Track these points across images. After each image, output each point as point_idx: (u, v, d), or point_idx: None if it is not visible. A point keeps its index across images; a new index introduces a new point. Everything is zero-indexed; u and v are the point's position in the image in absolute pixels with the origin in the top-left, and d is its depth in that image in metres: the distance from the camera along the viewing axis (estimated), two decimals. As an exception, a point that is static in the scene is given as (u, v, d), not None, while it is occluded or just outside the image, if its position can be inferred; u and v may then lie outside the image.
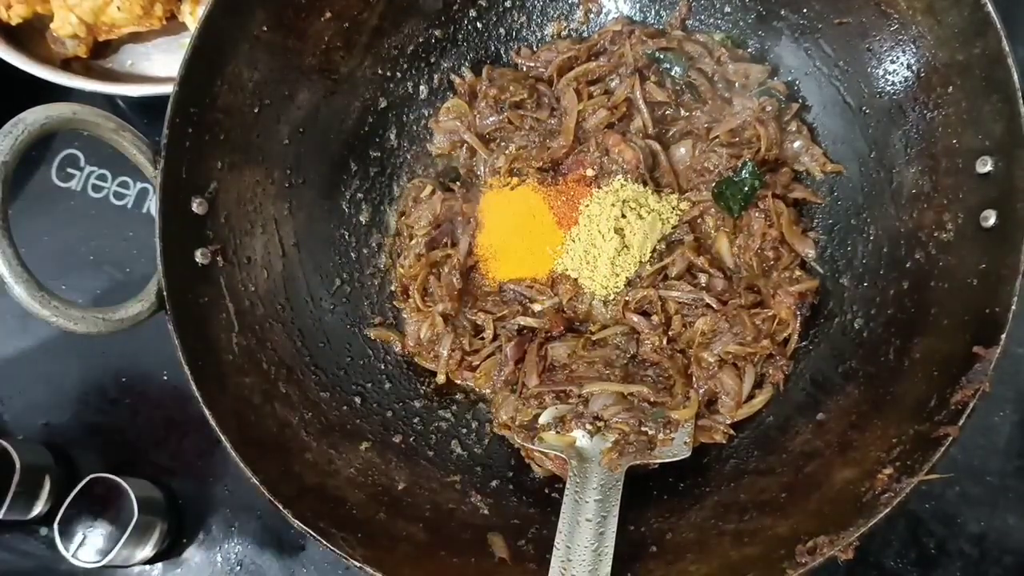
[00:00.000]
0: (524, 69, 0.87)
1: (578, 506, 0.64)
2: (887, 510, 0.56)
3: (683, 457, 0.70)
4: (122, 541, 0.79)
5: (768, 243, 0.77)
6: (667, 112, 0.82)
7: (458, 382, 0.80)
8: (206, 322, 0.68)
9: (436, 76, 0.87)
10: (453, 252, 0.80)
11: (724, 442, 0.73)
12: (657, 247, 0.77)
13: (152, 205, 0.76)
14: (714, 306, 0.74)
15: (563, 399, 0.74)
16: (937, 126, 0.68)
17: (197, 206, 0.68)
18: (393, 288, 0.83)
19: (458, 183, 0.84)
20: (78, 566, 0.79)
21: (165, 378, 0.90)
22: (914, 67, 0.70)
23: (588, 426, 0.71)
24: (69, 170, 0.99)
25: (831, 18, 0.75)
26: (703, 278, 0.76)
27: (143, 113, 0.98)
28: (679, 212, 0.78)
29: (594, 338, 0.77)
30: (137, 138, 0.66)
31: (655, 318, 0.75)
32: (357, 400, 0.75)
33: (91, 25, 0.94)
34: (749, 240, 0.77)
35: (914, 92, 0.70)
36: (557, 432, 0.73)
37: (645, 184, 0.78)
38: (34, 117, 0.60)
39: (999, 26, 0.62)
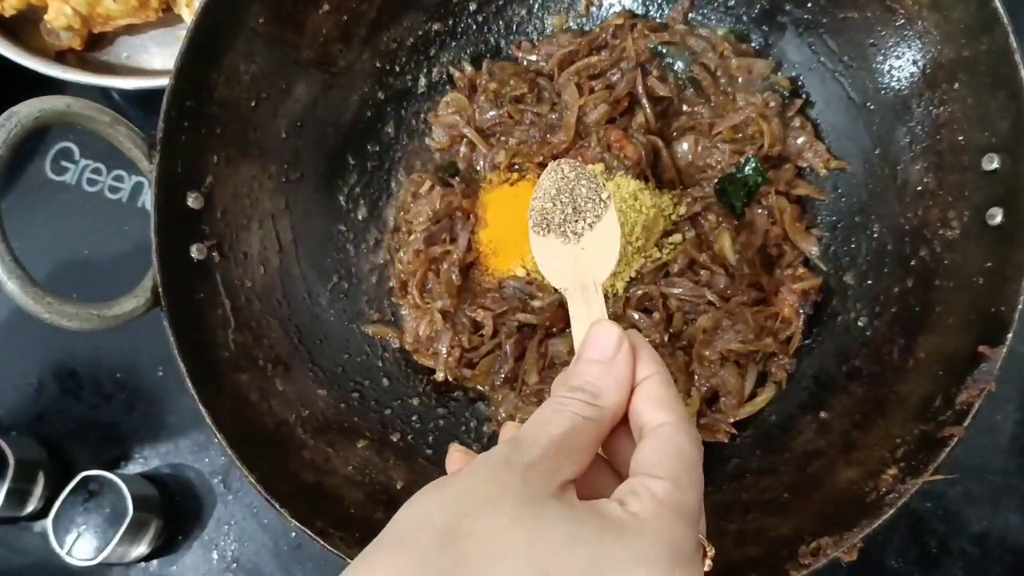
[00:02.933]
0: (524, 63, 0.86)
1: (579, 505, 0.64)
2: (892, 511, 0.55)
3: (684, 456, 0.69)
4: (117, 538, 0.78)
5: (771, 240, 0.76)
6: (669, 107, 0.82)
7: (457, 380, 0.79)
8: (202, 318, 0.67)
9: (435, 70, 0.86)
10: (452, 248, 0.79)
11: (726, 441, 0.72)
12: (658, 243, 0.77)
13: (147, 199, 0.75)
14: (716, 303, 0.74)
15: (563, 397, 0.74)
16: (943, 123, 0.67)
17: (193, 201, 0.68)
18: (391, 284, 0.83)
19: (457, 178, 0.84)
20: (72, 564, 0.79)
21: (160, 374, 0.90)
22: (919, 63, 0.69)
23: (588, 424, 0.71)
24: (63, 164, 0.98)
25: (836, 13, 0.75)
26: (705, 275, 0.75)
27: (138, 106, 0.97)
28: (681, 208, 0.77)
29: (595, 335, 0.76)
30: (132, 132, 0.65)
31: (656, 315, 0.75)
32: (355, 397, 0.75)
33: (86, 17, 0.93)
34: (752, 237, 0.76)
35: (919, 88, 0.69)
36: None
37: (647, 180, 0.78)
38: (28, 110, 0.59)
39: (1006, 22, 0.61)
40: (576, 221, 0.55)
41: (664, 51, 0.81)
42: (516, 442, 0.40)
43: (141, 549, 0.82)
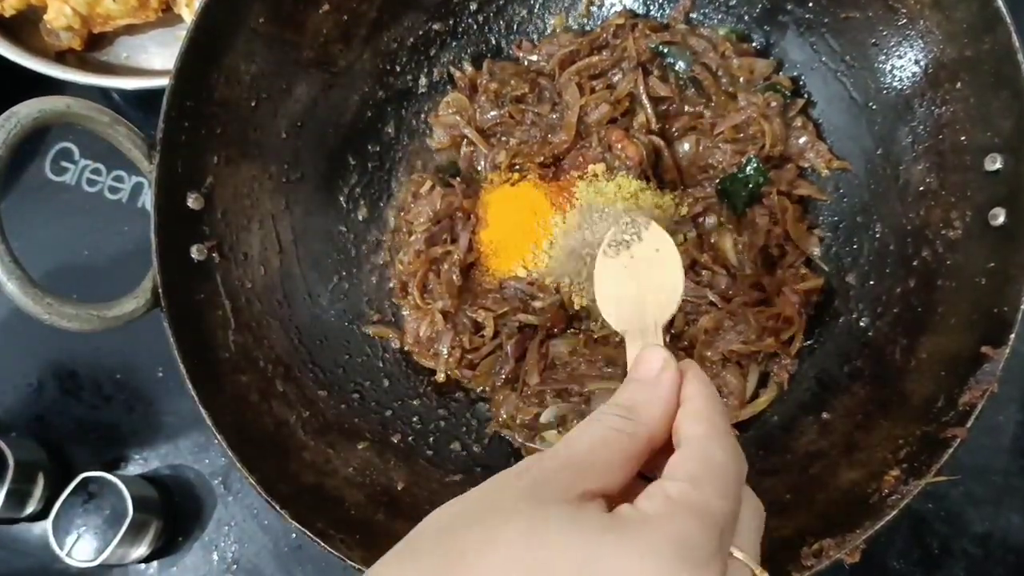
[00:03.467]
0: (525, 63, 0.86)
1: (580, 507, 0.63)
2: (894, 512, 0.55)
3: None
4: (117, 540, 0.78)
5: (772, 240, 0.76)
6: (670, 107, 0.81)
7: (457, 381, 0.79)
8: (202, 319, 0.67)
9: (436, 70, 0.86)
10: (453, 248, 0.79)
11: (727, 442, 0.72)
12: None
13: (147, 200, 0.75)
14: (717, 304, 0.73)
15: (564, 397, 0.74)
16: (945, 122, 0.67)
17: (193, 201, 0.67)
18: (392, 285, 0.82)
19: (458, 178, 0.83)
20: (72, 565, 0.78)
21: (160, 375, 0.89)
22: (922, 63, 0.69)
23: (590, 425, 0.70)
24: (63, 164, 0.97)
25: (837, 12, 0.74)
26: (706, 275, 0.75)
27: (138, 107, 0.97)
28: (682, 208, 0.77)
29: (596, 336, 0.76)
30: (132, 132, 0.65)
31: (657, 316, 0.74)
32: (355, 398, 0.75)
33: (86, 17, 0.93)
34: (753, 237, 0.76)
35: (921, 88, 0.69)
36: (559, 431, 0.72)
37: (648, 180, 0.77)
38: (27, 110, 0.59)
39: (1009, 21, 0.61)
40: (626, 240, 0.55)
41: (665, 51, 0.81)
42: (540, 454, 0.40)
43: (141, 550, 0.82)
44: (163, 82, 0.66)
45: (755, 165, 0.76)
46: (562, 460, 0.39)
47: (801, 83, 0.80)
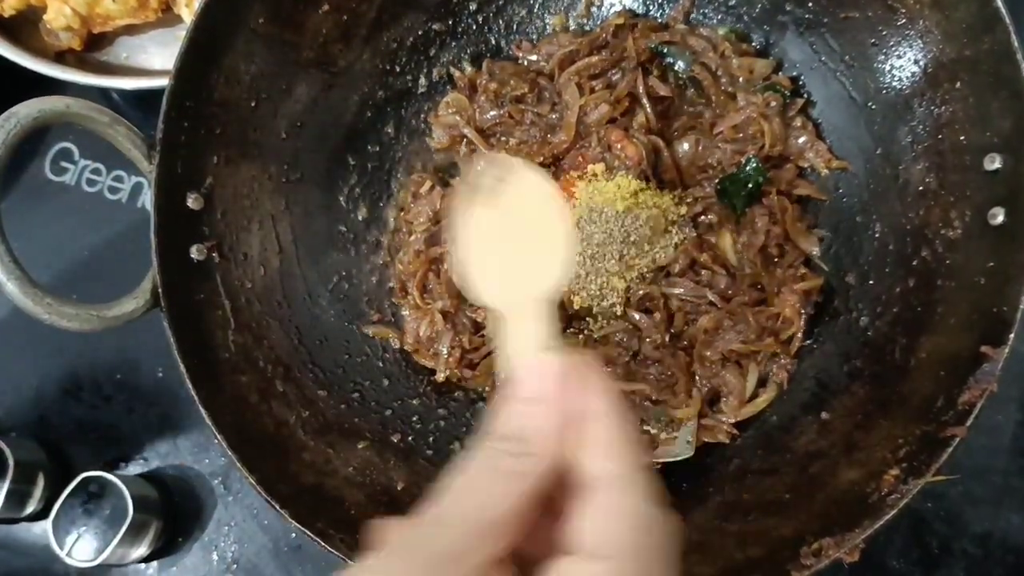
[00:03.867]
0: (525, 63, 0.86)
1: (580, 507, 0.63)
2: (894, 511, 0.55)
3: (686, 456, 0.69)
4: (117, 540, 0.78)
5: (772, 240, 0.76)
6: (670, 107, 0.81)
7: (457, 380, 0.79)
8: (202, 319, 0.67)
9: (435, 70, 0.86)
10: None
11: (727, 442, 0.72)
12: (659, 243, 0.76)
13: (147, 200, 0.75)
14: (717, 303, 0.74)
15: (564, 397, 0.74)
16: (944, 122, 0.67)
17: (193, 202, 0.67)
18: (392, 285, 0.82)
19: (458, 178, 0.83)
20: (72, 565, 0.79)
21: (160, 375, 0.89)
22: (921, 62, 0.69)
23: (589, 425, 0.70)
24: (63, 164, 0.97)
25: (837, 12, 0.74)
26: (706, 275, 0.75)
27: (138, 107, 0.97)
28: (682, 208, 0.77)
29: (595, 336, 0.76)
30: (131, 132, 0.65)
31: (657, 315, 0.74)
32: (355, 398, 0.75)
33: (85, 17, 0.93)
34: (753, 237, 0.76)
35: (921, 88, 0.69)
36: (558, 431, 0.72)
37: (648, 180, 0.77)
38: (27, 111, 0.59)
39: (1008, 21, 0.61)
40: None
41: (665, 51, 0.81)
42: (430, 520, 0.33)
43: (141, 550, 0.82)
44: (163, 82, 0.66)
45: (754, 165, 0.76)
46: (453, 531, 0.32)
47: (801, 83, 0.80)
